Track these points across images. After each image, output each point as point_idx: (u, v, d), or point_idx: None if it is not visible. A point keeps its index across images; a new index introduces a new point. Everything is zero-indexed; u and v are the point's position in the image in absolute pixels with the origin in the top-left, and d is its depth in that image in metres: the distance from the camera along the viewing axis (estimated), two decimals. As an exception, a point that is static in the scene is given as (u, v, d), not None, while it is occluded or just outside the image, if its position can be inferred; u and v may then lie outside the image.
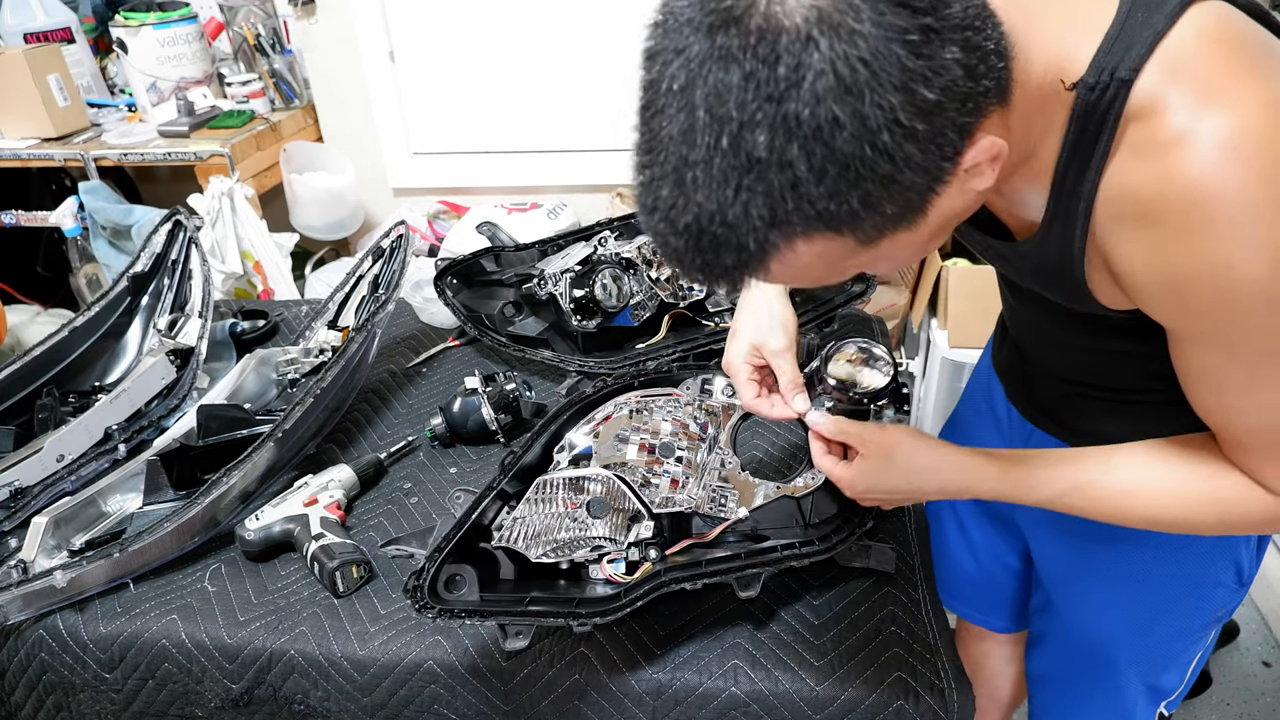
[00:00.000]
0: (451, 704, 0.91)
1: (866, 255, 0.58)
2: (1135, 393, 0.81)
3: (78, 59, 2.44)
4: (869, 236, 0.55)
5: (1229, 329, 0.60)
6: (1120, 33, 0.57)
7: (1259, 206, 0.53)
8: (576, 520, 0.90)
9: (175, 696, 0.97)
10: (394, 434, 1.26)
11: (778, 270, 0.57)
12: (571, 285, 1.32)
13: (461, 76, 2.49)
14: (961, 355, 1.89)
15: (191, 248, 1.38)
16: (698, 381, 1.02)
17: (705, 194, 0.52)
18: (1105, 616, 0.95)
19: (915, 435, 0.80)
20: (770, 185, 0.51)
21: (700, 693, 0.86)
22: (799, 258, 0.56)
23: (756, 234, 0.53)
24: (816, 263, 0.57)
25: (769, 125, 0.49)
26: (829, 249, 0.55)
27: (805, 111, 0.48)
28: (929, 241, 0.62)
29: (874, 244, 0.56)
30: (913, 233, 0.57)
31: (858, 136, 0.49)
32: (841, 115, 0.48)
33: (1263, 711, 1.78)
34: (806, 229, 0.53)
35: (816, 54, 0.48)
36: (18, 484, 1.09)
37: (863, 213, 0.52)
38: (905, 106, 0.49)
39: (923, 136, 0.50)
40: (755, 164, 0.50)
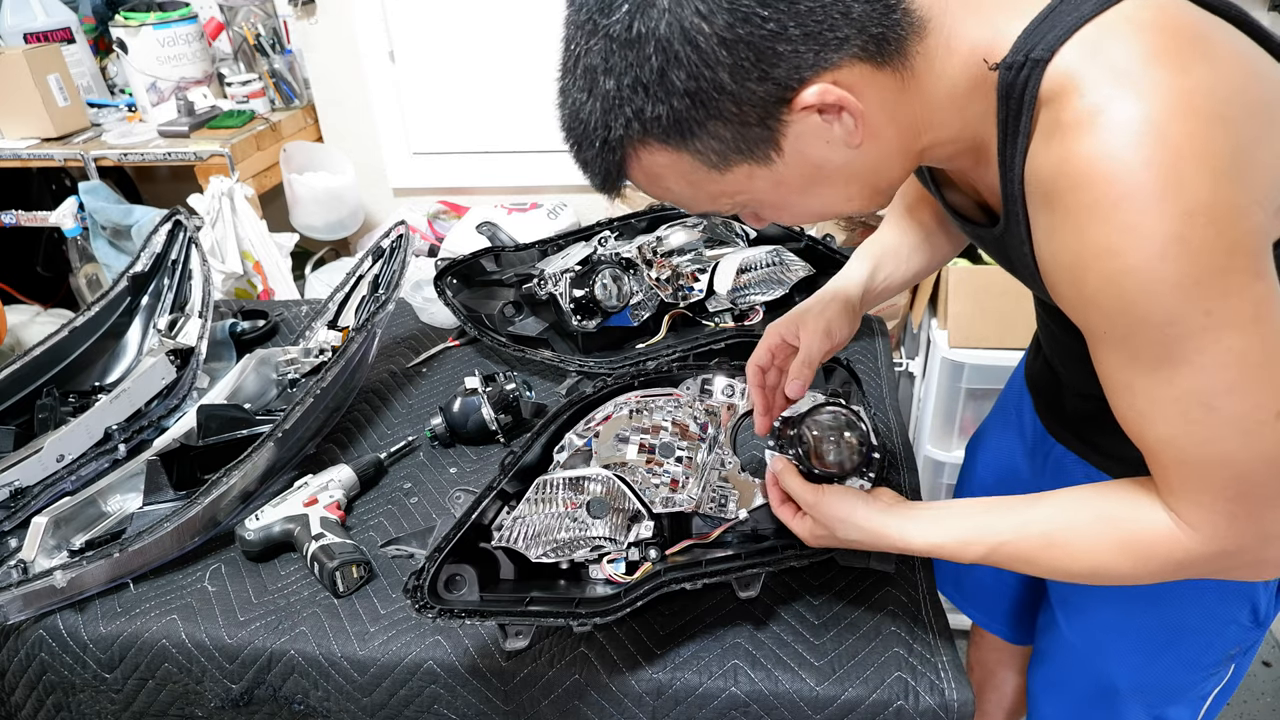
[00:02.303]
0: (451, 704, 0.91)
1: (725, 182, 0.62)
2: None
3: (78, 59, 2.44)
4: (711, 159, 0.61)
5: (1123, 324, 0.57)
6: (1049, 16, 0.57)
7: (1149, 194, 0.51)
8: (576, 520, 0.90)
9: (175, 696, 0.97)
10: (394, 434, 1.26)
11: (637, 175, 0.64)
12: (571, 285, 1.32)
13: (461, 76, 2.49)
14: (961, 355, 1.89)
15: (191, 248, 1.38)
16: (698, 381, 1.02)
17: (570, 96, 0.61)
18: (1109, 640, 0.94)
19: (845, 503, 0.77)
20: (604, 90, 0.58)
21: (700, 693, 0.86)
22: (649, 165, 0.62)
23: (600, 134, 0.60)
24: (671, 176, 0.63)
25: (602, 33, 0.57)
26: (676, 163, 0.61)
27: (620, 24, 0.56)
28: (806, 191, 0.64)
29: (723, 169, 0.61)
30: (771, 171, 0.62)
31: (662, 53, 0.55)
32: (646, 33, 0.55)
33: (1263, 711, 1.78)
34: (637, 135, 0.60)
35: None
36: (18, 484, 1.09)
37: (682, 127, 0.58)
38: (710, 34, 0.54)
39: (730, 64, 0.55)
40: (595, 72, 0.58)
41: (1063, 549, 0.67)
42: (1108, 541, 0.65)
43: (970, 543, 0.72)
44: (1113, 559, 0.65)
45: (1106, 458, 0.89)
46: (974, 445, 1.19)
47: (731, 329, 1.33)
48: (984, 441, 1.16)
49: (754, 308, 1.35)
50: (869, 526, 0.76)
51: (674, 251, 1.36)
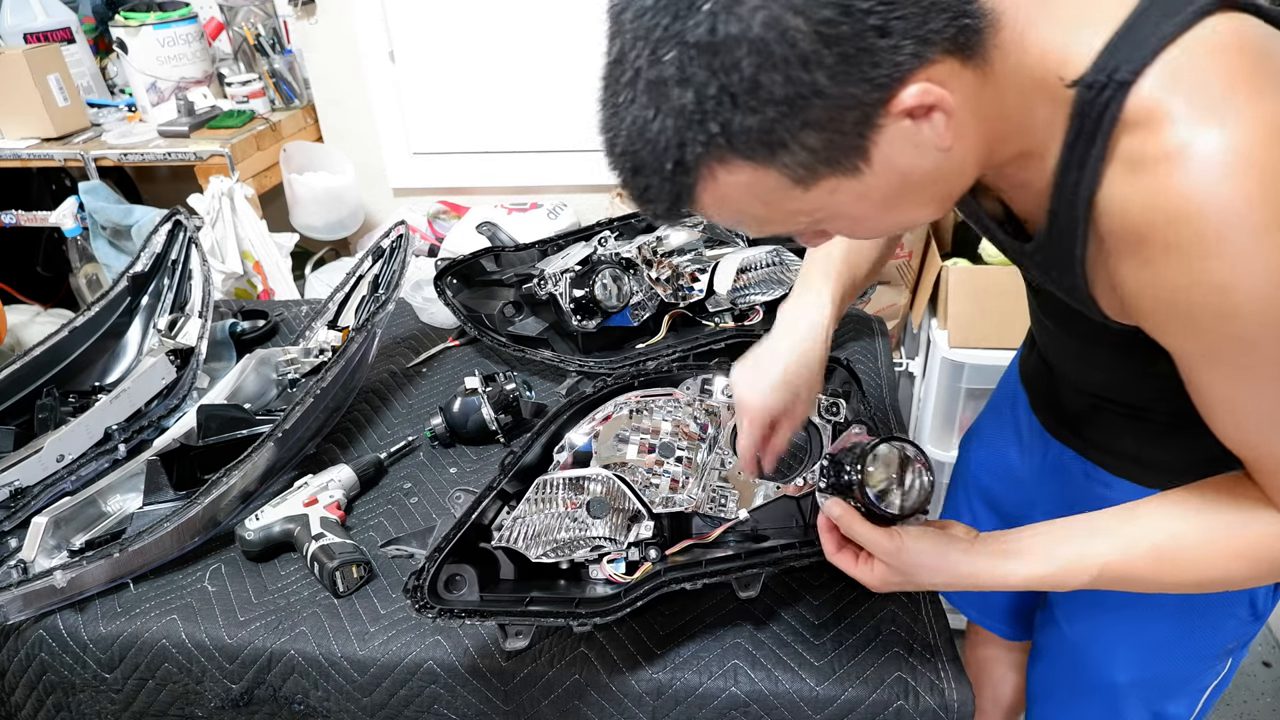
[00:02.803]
0: (451, 704, 0.91)
1: (807, 199, 0.57)
2: (1153, 410, 0.79)
3: (78, 59, 2.44)
4: (799, 175, 0.54)
5: (1231, 349, 0.57)
6: (1128, 32, 0.55)
7: (1253, 227, 0.51)
8: (576, 520, 0.90)
9: (175, 696, 0.97)
10: (394, 434, 1.26)
11: (708, 200, 0.57)
12: (571, 285, 1.32)
13: (461, 76, 2.49)
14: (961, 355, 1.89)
15: (191, 248, 1.38)
16: (698, 381, 1.02)
17: (632, 115, 0.54)
18: (1108, 636, 0.94)
19: (929, 547, 0.71)
20: (680, 104, 0.52)
21: (700, 693, 0.86)
22: (725, 187, 0.55)
23: (673, 154, 0.53)
24: (748, 196, 0.56)
25: (677, 42, 0.50)
26: (756, 181, 0.55)
27: (701, 28, 0.49)
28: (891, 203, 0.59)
29: (810, 185, 0.55)
30: (859, 183, 0.56)
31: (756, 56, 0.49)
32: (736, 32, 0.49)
33: (1263, 711, 1.78)
34: (720, 153, 0.53)
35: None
36: (18, 484, 1.09)
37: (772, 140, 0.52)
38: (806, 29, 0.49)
39: (831, 64, 0.50)
40: (666, 82, 0.51)
41: (1174, 563, 0.66)
42: (1223, 551, 0.64)
43: (1075, 570, 0.68)
44: (1229, 567, 0.65)
45: (1105, 453, 0.89)
46: (967, 443, 1.19)
47: (731, 329, 1.33)
48: (978, 439, 1.16)
49: (754, 308, 1.35)
50: (961, 571, 0.71)
51: (674, 251, 1.36)
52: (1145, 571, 0.67)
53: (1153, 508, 0.68)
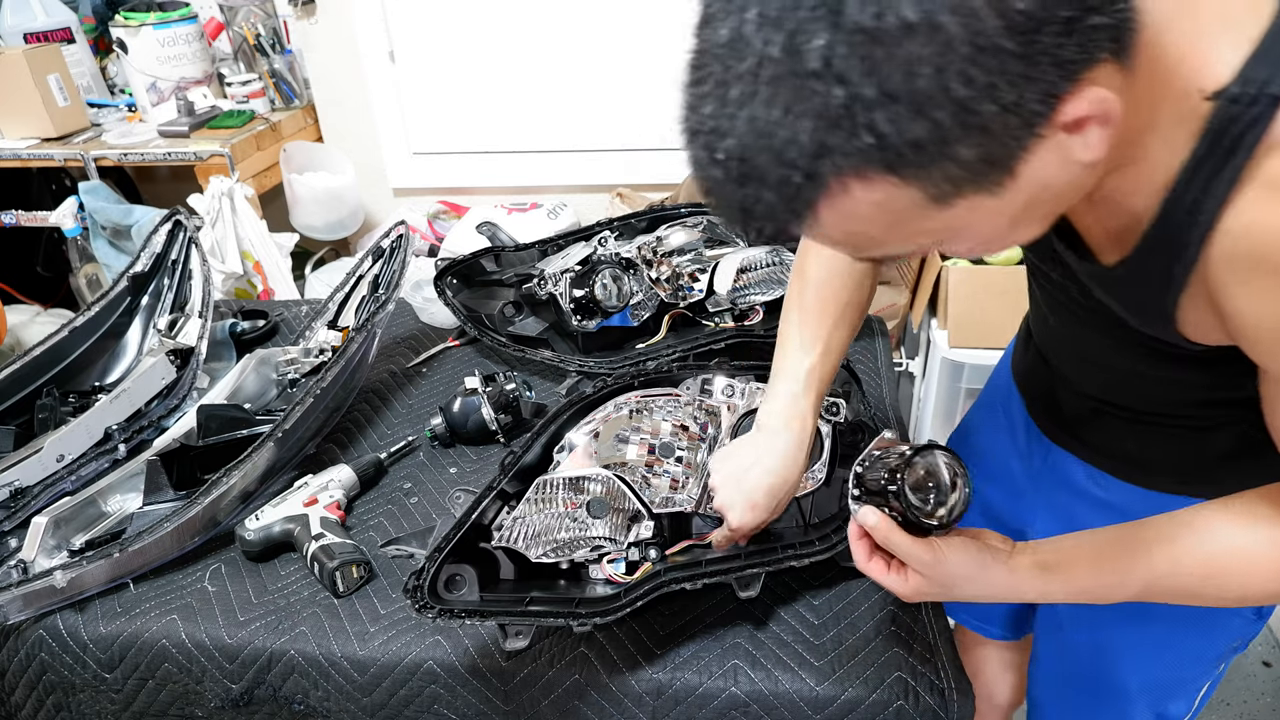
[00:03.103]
0: (451, 704, 0.91)
1: (940, 219, 0.48)
2: (1170, 417, 0.78)
3: (78, 59, 2.44)
4: (941, 191, 0.46)
5: None
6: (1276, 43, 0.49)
7: None
8: (576, 520, 0.90)
9: (175, 696, 0.97)
10: (394, 434, 1.26)
11: (829, 219, 0.48)
12: (571, 285, 1.32)
13: (461, 76, 2.49)
14: (961, 355, 1.89)
15: (191, 248, 1.38)
16: (698, 381, 1.02)
17: (750, 112, 0.44)
18: (1116, 641, 0.93)
19: (971, 559, 0.69)
20: (823, 103, 0.42)
21: (700, 693, 0.86)
22: (854, 204, 0.47)
23: (803, 163, 0.44)
24: (876, 216, 0.48)
25: (828, 27, 0.41)
26: (891, 199, 0.46)
27: (867, 13, 0.41)
28: (1017, 223, 0.52)
29: (948, 203, 0.47)
30: (997, 200, 0.48)
31: (931, 50, 0.41)
32: (914, 19, 0.41)
33: (1263, 711, 1.78)
34: (862, 164, 0.44)
35: None
36: (18, 484, 1.09)
37: (931, 150, 0.44)
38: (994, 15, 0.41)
39: (1012, 62, 0.42)
40: (808, 76, 0.42)
41: (1226, 577, 0.64)
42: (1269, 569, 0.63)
43: (1119, 586, 0.67)
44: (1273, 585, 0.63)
45: (1109, 458, 0.88)
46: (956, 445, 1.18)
47: (731, 329, 1.33)
48: (968, 441, 1.15)
49: (754, 308, 1.35)
50: (1002, 585, 0.69)
51: (674, 251, 1.36)
52: (1190, 587, 0.65)
53: (1198, 522, 0.66)
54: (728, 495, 0.86)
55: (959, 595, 0.71)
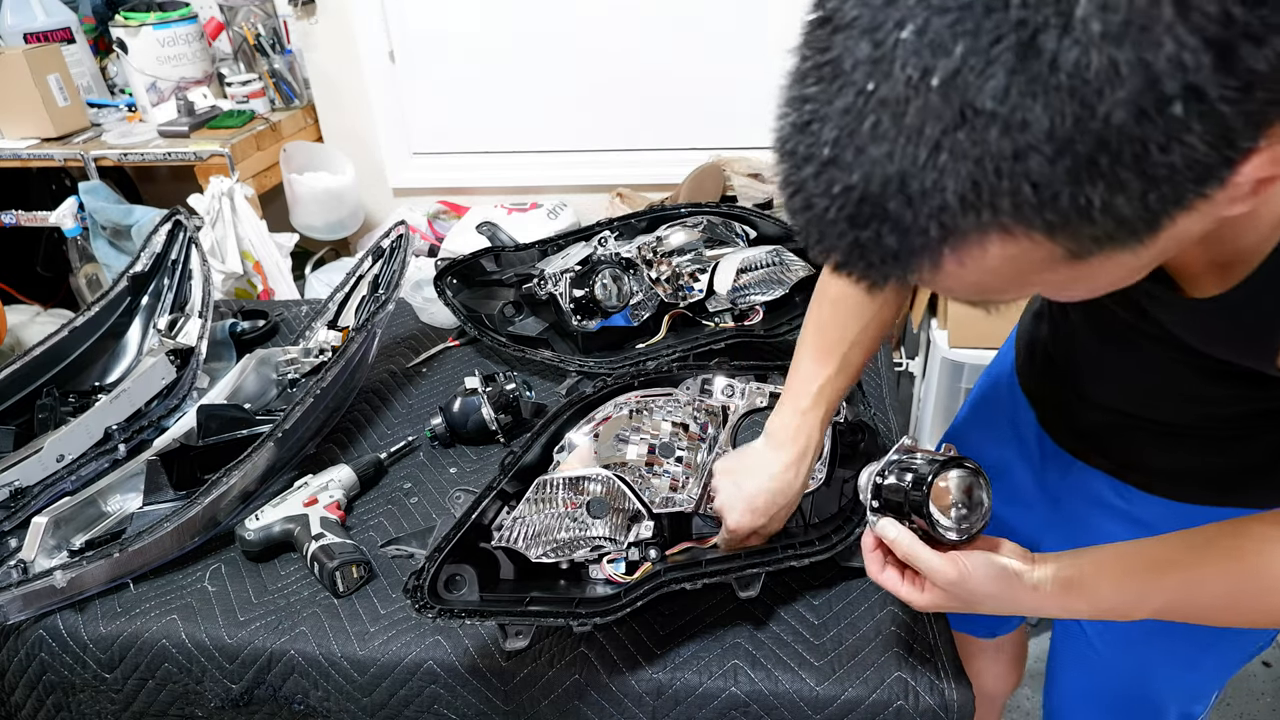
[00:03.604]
0: (451, 704, 0.91)
1: (1064, 273, 0.43)
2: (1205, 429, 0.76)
3: (78, 59, 2.44)
4: (1083, 248, 0.41)
5: None
6: None
7: None
8: (576, 520, 0.90)
9: (175, 696, 0.97)
10: (394, 434, 1.26)
11: (951, 269, 0.42)
12: (571, 285, 1.32)
13: (461, 76, 2.49)
14: (961, 355, 1.89)
15: (191, 248, 1.38)
16: (698, 381, 1.02)
17: (887, 148, 0.38)
18: (1149, 652, 0.91)
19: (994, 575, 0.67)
20: (984, 151, 0.36)
21: (700, 693, 0.86)
22: (984, 260, 0.41)
23: (945, 215, 0.39)
24: (1002, 269, 0.42)
25: (1010, 66, 0.35)
26: (1026, 255, 0.41)
27: (1072, 54, 0.34)
28: (1137, 271, 0.48)
29: (1083, 259, 0.42)
30: (1133, 255, 0.42)
31: (1138, 103, 0.34)
32: (1123, 65, 0.34)
33: (1263, 711, 1.78)
34: (1013, 222, 0.39)
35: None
36: (18, 484, 1.09)
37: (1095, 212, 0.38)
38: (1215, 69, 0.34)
39: (1213, 120, 0.35)
40: (974, 117, 0.36)
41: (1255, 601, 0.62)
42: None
43: (1139, 606, 0.65)
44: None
45: (1136, 471, 0.86)
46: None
47: (731, 329, 1.33)
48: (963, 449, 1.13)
49: (754, 308, 1.35)
50: (1026, 604, 0.67)
51: (674, 251, 1.36)
52: (1217, 608, 0.65)
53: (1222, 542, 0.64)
54: (728, 496, 0.87)
55: (978, 609, 0.69)
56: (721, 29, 2.33)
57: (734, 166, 2.23)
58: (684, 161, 2.33)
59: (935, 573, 0.67)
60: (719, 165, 2.24)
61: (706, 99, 2.41)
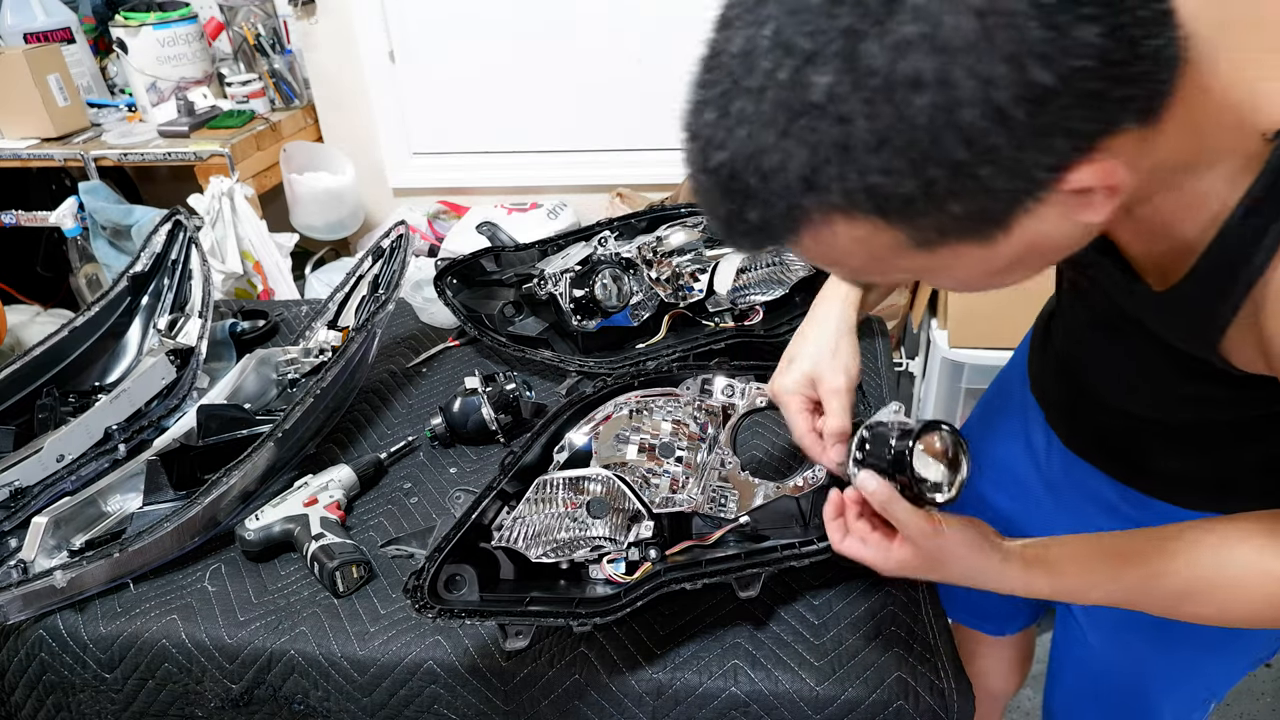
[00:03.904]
0: (451, 704, 0.91)
1: (920, 260, 0.49)
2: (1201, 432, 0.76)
3: (78, 59, 2.45)
4: (925, 237, 0.46)
5: None
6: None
7: None
8: (576, 520, 0.90)
9: (175, 696, 0.97)
10: (394, 434, 1.26)
11: (810, 245, 0.49)
12: (571, 285, 1.32)
13: (461, 76, 2.49)
14: (961, 355, 1.89)
15: (191, 248, 1.38)
16: (698, 381, 1.02)
17: (747, 131, 0.44)
18: (1150, 657, 0.91)
19: (969, 540, 0.69)
20: (818, 139, 0.42)
21: (700, 693, 0.86)
22: (835, 237, 0.47)
23: (789, 194, 0.44)
24: (856, 250, 0.48)
25: (840, 63, 0.40)
26: (872, 238, 0.46)
27: (882, 58, 0.40)
28: (1008, 269, 0.52)
29: (931, 248, 0.47)
30: (986, 250, 0.48)
31: (938, 106, 0.40)
32: (925, 74, 0.40)
33: (1263, 711, 1.78)
34: (848, 205, 0.44)
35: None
36: (18, 484, 1.09)
37: (920, 203, 0.43)
38: (1009, 84, 0.39)
39: (1020, 130, 0.41)
40: (809, 108, 0.41)
41: (1208, 600, 0.64)
42: (1262, 596, 0.62)
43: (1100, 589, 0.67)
44: (1261, 611, 0.63)
45: (1136, 472, 0.86)
46: None
47: (731, 329, 1.33)
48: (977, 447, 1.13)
49: (754, 308, 1.35)
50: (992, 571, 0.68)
51: (674, 251, 1.36)
52: (1170, 601, 0.66)
53: (1189, 539, 0.65)
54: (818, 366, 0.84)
55: (943, 574, 0.70)
56: (721, 29, 2.33)
57: (734, 166, 2.23)
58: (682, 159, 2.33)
59: (909, 524, 0.68)
60: (719, 165, 2.23)
61: (706, 99, 2.41)
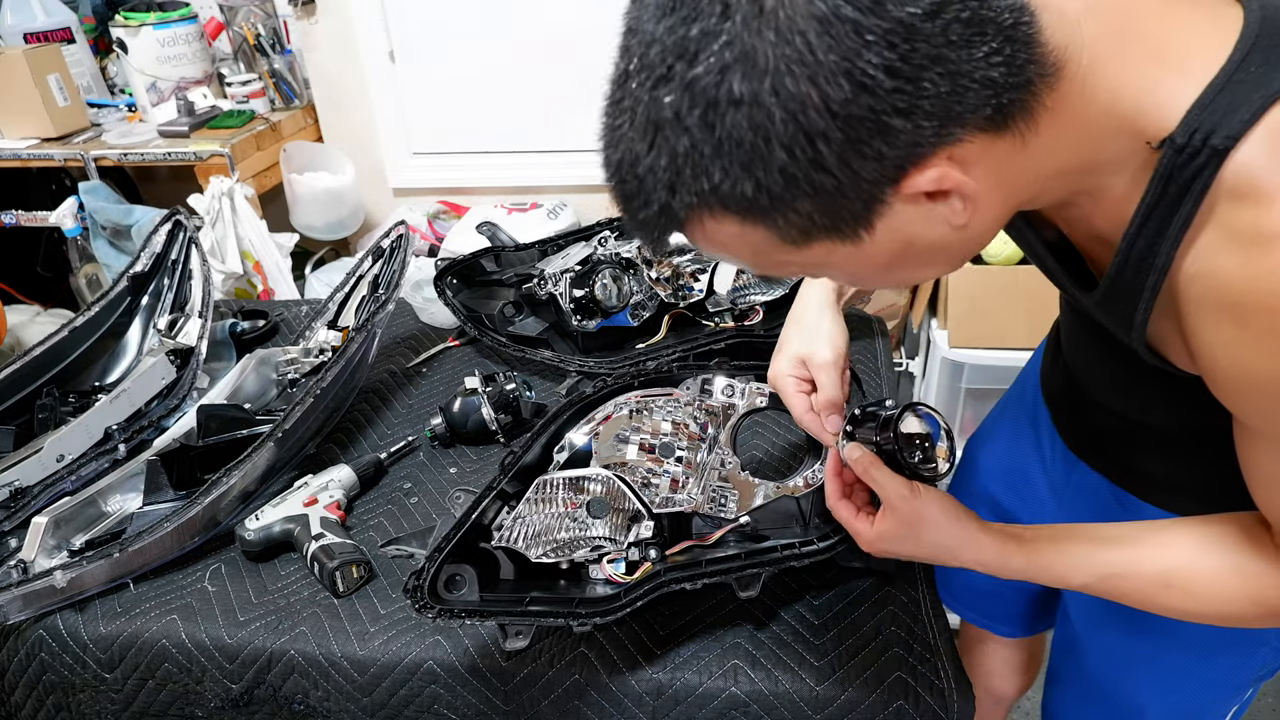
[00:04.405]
0: (451, 704, 0.91)
1: (799, 255, 0.53)
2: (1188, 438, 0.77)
3: (78, 59, 2.44)
4: (790, 236, 0.51)
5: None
6: (1225, 87, 0.48)
7: None
8: (576, 520, 0.90)
9: (175, 696, 0.97)
10: (394, 434, 1.26)
11: (699, 239, 0.55)
12: (571, 285, 1.32)
13: (461, 76, 2.49)
14: (961, 355, 1.89)
15: (191, 248, 1.38)
16: (698, 381, 1.02)
17: (628, 139, 0.50)
18: (1138, 665, 0.92)
19: (946, 508, 0.72)
20: (672, 148, 0.48)
21: (700, 693, 0.86)
22: (713, 234, 0.53)
23: (660, 195, 0.50)
24: (737, 245, 0.54)
25: (679, 84, 0.46)
26: (745, 235, 0.52)
27: (707, 79, 0.45)
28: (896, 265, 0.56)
29: (800, 245, 0.52)
30: (857, 248, 0.52)
31: (755, 122, 0.45)
32: (741, 93, 0.45)
33: (1263, 712, 1.78)
34: (705, 204, 0.50)
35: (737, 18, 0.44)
36: (18, 484, 1.09)
37: (765, 203, 0.48)
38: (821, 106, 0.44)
39: (835, 141, 0.45)
40: (663, 122, 0.48)
41: (1184, 592, 0.66)
42: (1239, 593, 0.64)
43: (1075, 570, 0.69)
44: (1242, 609, 0.65)
45: (1134, 477, 0.86)
46: (975, 447, 1.17)
47: (731, 329, 1.33)
48: (988, 445, 1.13)
49: (754, 308, 1.35)
50: (967, 540, 0.71)
51: (674, 251, 1.36)
52: (1146, 590, 0.67)
53: (1170, 532, 0.68)
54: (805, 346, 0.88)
55: (922, 545, 0.73)
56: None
57: (734, 166, 2.23)
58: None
59: (887, 486, 0.72)
60: (719, 165, 2.23)
61: (706, 99, 2.41)
